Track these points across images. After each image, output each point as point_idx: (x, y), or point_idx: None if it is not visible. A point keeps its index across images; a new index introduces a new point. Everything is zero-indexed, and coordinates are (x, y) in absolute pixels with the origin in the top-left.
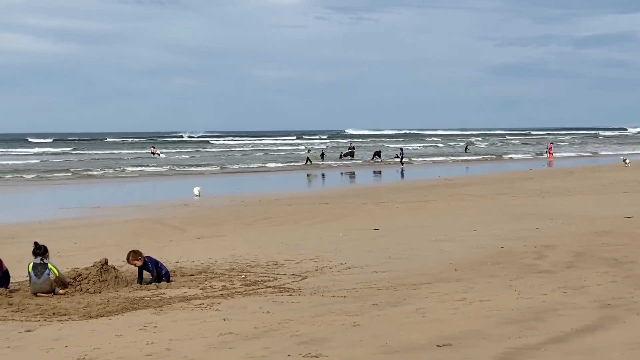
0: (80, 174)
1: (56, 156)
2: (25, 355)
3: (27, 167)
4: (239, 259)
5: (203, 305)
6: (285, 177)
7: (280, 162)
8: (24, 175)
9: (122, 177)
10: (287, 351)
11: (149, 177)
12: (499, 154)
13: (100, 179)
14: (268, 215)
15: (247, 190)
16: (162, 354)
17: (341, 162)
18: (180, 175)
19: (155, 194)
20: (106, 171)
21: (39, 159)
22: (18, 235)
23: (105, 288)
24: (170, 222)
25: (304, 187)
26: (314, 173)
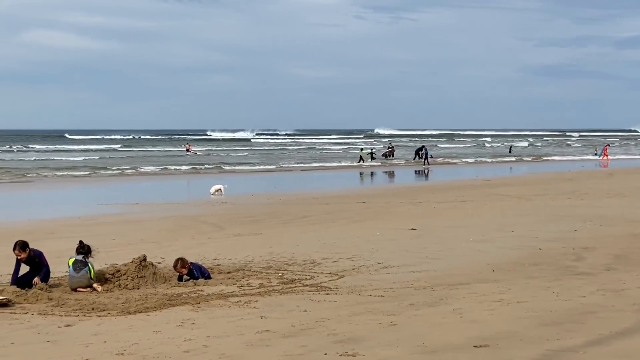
0: (124, 171)
1: (104, 152)
2: (65, 350)
3: (74, 165)
4: (276, 257)
5: (240, 302)
6: (331, 175)
7: (337, 162)
8: (73, 172)
9: (162, 174)
10: (324, 350)
11: (191, 174)
12: (540, 155)
13: (140, 176)
14: (305, 214)
15: (284, 189)
16: (200, 350)
17: (388, 162)
18: (227, 173)
19: (193, 191)
20: (148, 168)
21: (85, 156)
22: (57, 231)
23: (143, 284)
24: (208, 219)
25: (341, 185)
26: (366, 172)
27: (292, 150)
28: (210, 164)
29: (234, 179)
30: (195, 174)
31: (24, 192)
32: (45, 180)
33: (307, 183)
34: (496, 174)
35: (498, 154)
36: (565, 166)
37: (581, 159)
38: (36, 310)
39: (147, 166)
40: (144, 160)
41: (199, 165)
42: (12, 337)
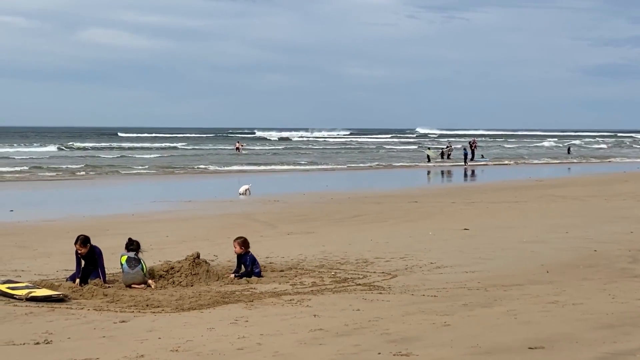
0: (186, 168)
1: (158, 151)
2: (120, 345)
3: (143, 162)
4: (328, 255)
5: (293, 301)
6: (384, 174)
7: (398, 161)
8: (144, 170)
9: (214, 172)
10: (377, 349)
11: (242, 173)
12: (599, 156)
13: (193, 174)
14: (357, 213)
15: (336, 188)
16: (253, 348)
17: (447, 162)
18: (278, 172)
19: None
20: (201, 166)
21: (150, 154)
22: (112, 227)
23: (197, 281)
24: (261, 217)
25: (392, 185)
26: (432, 171)
27: (349, 149)
28: (261, 163)
29: (285, 178)
30: (248, 172)
31: (81, 189)
32: (104, 177)
33: (359, 182)
34: (550, 174)
35: (555, 155)
36: (621, 167)
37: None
38: (92, 306)
39: (200, 164)
40: (198, 158)
41: (251, 164)
42: (68, 332)
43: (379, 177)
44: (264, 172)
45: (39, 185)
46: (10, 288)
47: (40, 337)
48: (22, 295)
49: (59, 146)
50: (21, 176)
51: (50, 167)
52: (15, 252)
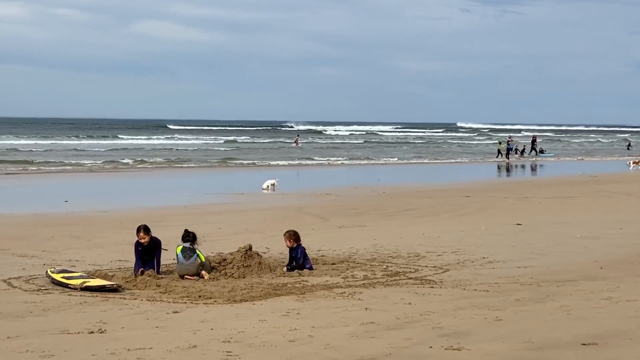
0: (238, 161)
1: (209, 143)
2: (173, 336)
3: (194, 155)
4: (380, 249)
5: (345, 294)
6: (438, 169)
7: (458, 156)
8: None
9: (267, 166)
10: (428, 343)
11: (297, 167)
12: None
13: (246, 167)
14: (409, 207)
15: (388, 181)
16: (305, 340)
17: (520, 156)
18: (349, 166)
19: (299, 183)
20: (254, 160)
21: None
22: (165, 219)
23: (248, 273)
24: (313, 210)
25: (444, 179)
26: (503, 165)
27: (401, 143)
28: (317, 157)
29: (336, 172)
30: (303, 166)
31: (134, 181)
32: (156, 169)
33: (411, 176)
34: (605, 170)
35: (614, 151)
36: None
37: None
38: (145, 296)
39: (253, 157)
40: (251, 151)
41: (306, 159)
42: (122, 322)
43: (431, 171)
44: (315, 166)
45: (92, 176)
46: (65, 278)
47: (94, 327)
48: (77, 284)
49: (111, 137)
50: (75, 168)
51: (110, 161)
52: (70, 242)
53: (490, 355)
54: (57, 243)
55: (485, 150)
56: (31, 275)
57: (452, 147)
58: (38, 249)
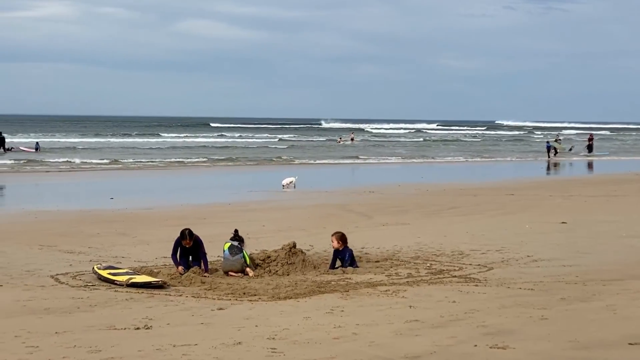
0: (282, 159)
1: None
2: (218, 332)
3: (238, 152)
4: (423, 247)
5: (389, 291)
6: (478, 167)
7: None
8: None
9: (315, 164)
10: (473, 341)
11: (345, 165)
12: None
13: (291, 165)
14: (453, 205)
15: (431, 179)
16: (349, 338)
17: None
18: (392, 164)
19: (345, 180)
20: (302, 156)
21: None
22: (209, 216)
23: (292, 271)
24: (356, 208)
25: (488, 177)
26: (557, 163)
27: (445, 141)
28: (365, 155)
29: (380, 170)
30: (353, 164)
31: (178, 178)
32: (200, 166)
33: (454, 174)
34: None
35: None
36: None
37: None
38: (190, 293)
39: (296, 154)
40: (294, 150)
41: (356, 157)
42: (167, 318)
43: (475, 170)
44: (358, 164)
45: (136, 174)
46: (112, 274)
47: (140, 323)
48: (123, 281)
49: (153, 135)
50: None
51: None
52: (116, 239)
53: (536, 355)
54: (103, 240)
55: (529, 148)
56: (78, 272)
57: (495, 145)
58: (84, 245)
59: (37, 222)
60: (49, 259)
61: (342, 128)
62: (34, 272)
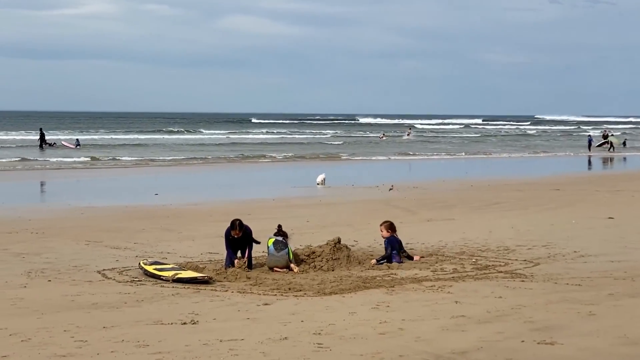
0: (327, 155)
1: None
2: (264, 327)
3: (282, 149)
4: (469, 242)
5: (434, 287)
6: (522, 162)
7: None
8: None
9: (367, 160)
10: (520, 337)
11: (394, 160)
12: None
13: (337, 160)
14: (497, 200)
15: (475, 175)
16: (395, 333)
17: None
18: (437, 160)
19: (390, 176)
20: (348, 154)
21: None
22: (254, 211)
23: (337, 266)
24: (400, 203)
25: (532, 172)
26: (613, 157)
27: (487, 136)
28: (416, 151)
29: (424, 165)
30: (387, 161)
31: (222, 174)
32: (243, 162)
33: (498, 169)
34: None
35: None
36: None
37: None
38: (235, 288)
39: (341, 150)
40: (340, 146)
41: (406, 154)
42: (214, 314)
43: (519, 165)
44: (403, 160)
45: (180, 170)
46: (158, 270)
47: (187, 318)
48: (169, 276)
49: (199, 132)
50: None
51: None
52: (161, 234)
53: (584, 351)
54: (149, 235)
55: (575, 143)
56: (124, 267)
57: (538, 140)
58: (130, 241)
59: (84, 218)
60: (95, 255)
61: (383, 124)
62: (81, 267)
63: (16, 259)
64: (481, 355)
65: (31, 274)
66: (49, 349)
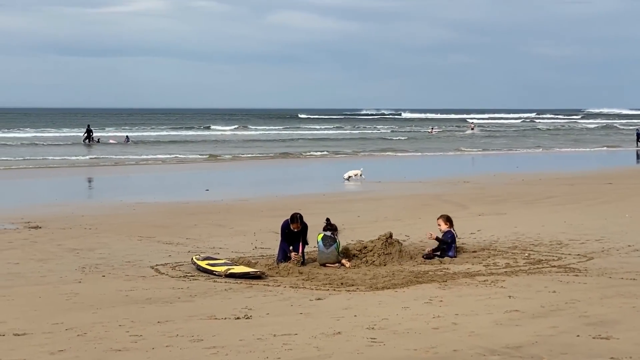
0: (377, 150)
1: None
2: (318, 322)
3: (331, 144)
4: (521, 237)
5: (487, 281)
6: (572, 156)
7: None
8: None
9: (418, 155)
10: (575, 331)
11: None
12: None
13: (387, 156)
14: (549, 194)
15: (526, 169)
16: (449, 327)
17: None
18: (487, 154)
19: (439, 170)
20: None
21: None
22: (304, 207)
23: (389, 261)
24: (451, 198)
25: (584, 166)
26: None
27: (537, 130)
28: (466, 146)
29: (474, 159)
30: (437, 156)
31: (272, 169)
32: (292, 158)
33: (549, 163)
34: None
35: None
36: None
37: None
38: (288, 283)
39: (391, 145)
40: (390, 142)
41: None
42: (267, 308)
43: (569, 159)
44: (452, 155)
45: (228, 165)
46: (210, 265)
47: (240, 312)
48: (221, 271)
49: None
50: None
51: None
52: (213, 230)
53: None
54: (201, 231)
55: (627, 137)
56: (177, 262)
57: (589, 135)
58: (182, 236)
59: (136, 214)
60: (148, 250)
61: (432, 119)
62: (135, 262)
63: (70, 255)
64: (536, 349)
65: (85, 269)
66: (104, 343)
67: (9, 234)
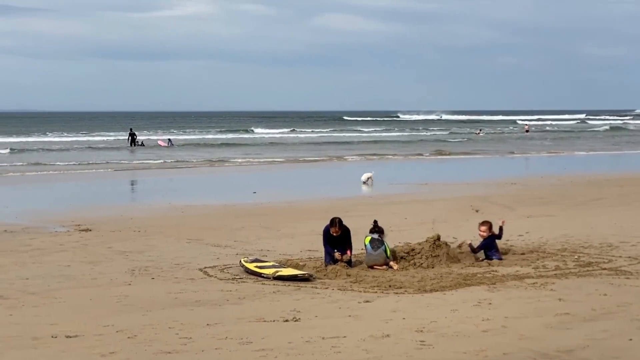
0: (426, 151)
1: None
2: (366, 325)
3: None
4: (570, 239)
5: (536, 284)
6: (620, 158)
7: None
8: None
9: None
10: (627, 335)
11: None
12: None
13: (434, 157)
14: (598, 196)
15: (574, 170)
16: (498, 330)
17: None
18: (533, 156)
19: (484, 172)
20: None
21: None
22: (351, 209)
23: (437, 263)
24: (498, 200)
25: (634, 167)
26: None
27: (583, 132)
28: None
29: (521, 161)
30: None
31: (317, 171)
32: (338, 160)
33: (597, 165)
34: None
35: None
36: None
37: None
38: (336, 285)
39: (437, 147)
40: (437, 144)
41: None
42: (315, 311)
43: (619, 160)
44: (498, 156)
45: (276, 168)
46: (259, 267)
47: (288, 315)
48: (269, 274)
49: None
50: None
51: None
52: (261, 232)
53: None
54: (248, 233)
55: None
56: (225, 265)
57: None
58: (230, 238)
59: (184, 217)
60: (196, 253)
61: (480, 120)
62: (183, 265)
63: (120, 257)
64: (588, 353)
65: (135, 271)
66: (154, 345)
67: (61, 237)
